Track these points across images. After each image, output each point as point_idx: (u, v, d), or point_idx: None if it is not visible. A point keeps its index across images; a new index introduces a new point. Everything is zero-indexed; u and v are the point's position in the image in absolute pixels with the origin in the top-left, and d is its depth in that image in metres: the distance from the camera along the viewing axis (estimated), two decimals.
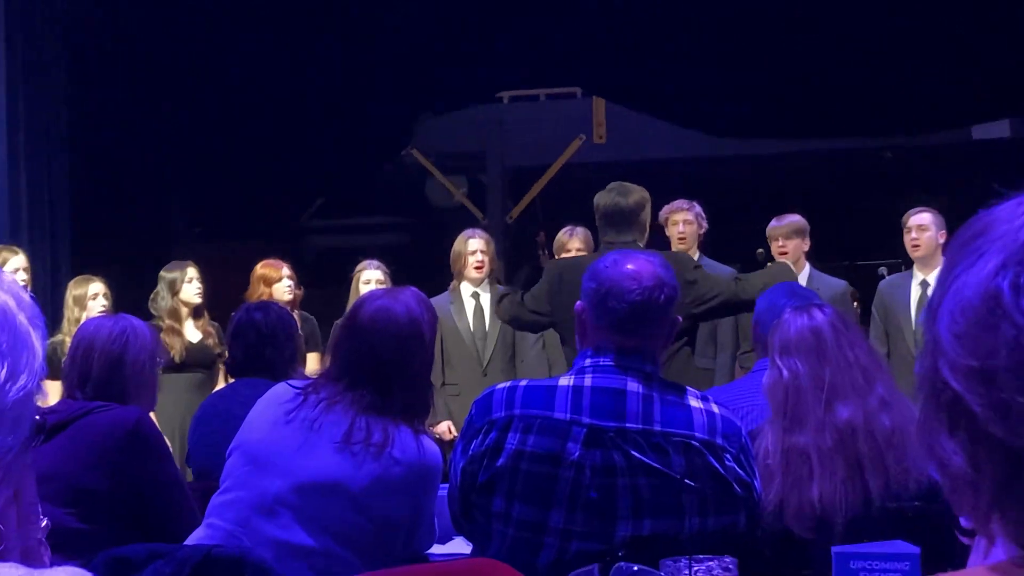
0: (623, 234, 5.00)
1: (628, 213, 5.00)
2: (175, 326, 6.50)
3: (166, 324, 6.47)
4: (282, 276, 6.60)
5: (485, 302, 6.57)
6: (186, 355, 6.47)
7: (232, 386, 4.17)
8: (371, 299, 3.01)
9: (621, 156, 11.84)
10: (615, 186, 5.13)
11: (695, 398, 2.69)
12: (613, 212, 5.02)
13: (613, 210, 5.02)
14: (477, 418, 2.73)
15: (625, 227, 5.00)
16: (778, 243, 6.61)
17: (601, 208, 5.07)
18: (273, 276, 6.59)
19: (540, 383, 2.72)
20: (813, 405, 2.93)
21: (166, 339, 6.33)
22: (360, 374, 2.91)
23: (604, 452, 2.60)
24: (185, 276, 6.58)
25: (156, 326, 6.30)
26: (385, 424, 2.86)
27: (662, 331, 2.71)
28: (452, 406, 6.48)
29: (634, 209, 5.02)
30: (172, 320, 6.51)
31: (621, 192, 5.06)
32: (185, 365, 6.45)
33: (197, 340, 6.58)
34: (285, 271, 6.63)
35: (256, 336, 4.09)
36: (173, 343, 6.42)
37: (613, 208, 5.02)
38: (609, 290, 2.66)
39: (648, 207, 5.12)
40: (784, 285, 4.08)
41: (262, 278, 6.59)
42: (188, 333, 6.58)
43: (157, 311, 6.55)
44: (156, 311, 6.55)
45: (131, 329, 3.43)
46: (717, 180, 11.88)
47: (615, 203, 5.03)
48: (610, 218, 5.03)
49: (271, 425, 2.93)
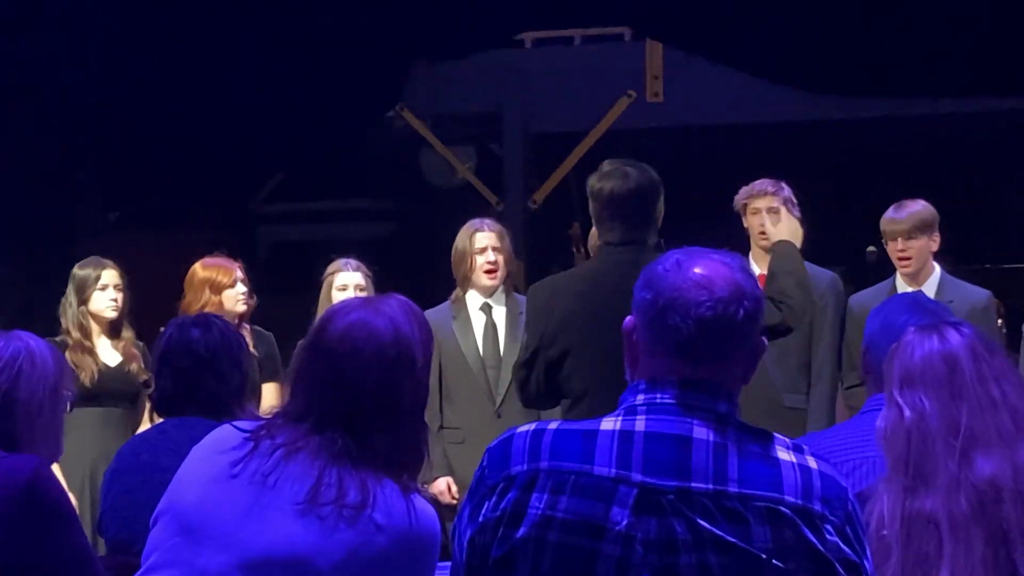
0: (616, 231, 5.05)
1: (627, 203, 5.03)
2: (85, 343, 6.53)
3: (74, 339, 6.50)
4: (235, 280, 6.61)
5: (499, 317, 6.59)
6: (100, 382, 6.49)
7: (160, 428, 4.18)
8: (344, 311, 3.01)
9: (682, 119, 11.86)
10: (612, 166, 5.16)
11: (785, 449, 2.68)
12: (605, 201, 5.06)
13: (605, 198, 5.06)
14: (491, 472, 2.73)
15: (635, 221, 5.03)
16: (897, 243, 6.61)
17: (602, 195, 5.09)
18: (223, 281, 6.60)
19: (575, 426, 2.71)
20: (944, 457, 2.94)
21: (74, 359, 6.36)
22: (330, 412, 2.91)
23: (661, 521, 2.60)
24: (98, 280, 6.60)
25: (63, 343, 6.35)
26: (364, 479, 2.86)
27: (741, 358, 2.70)
28: (454, 457, 6.50)
29: (647, 195, 5.05)
30: (81, 335, 6.54)
31: (621, 175, 5.09)
32: (98, 396, 6.47)
33: (115, 363, 6.60)
34: (239, 274, 6.63)
35: (192, 361, 4.10)
36: (83, 365, 6.45)
37: (605, 195, 5.06)
38: (670, 302, 2.65)
39: (660, 195, 5.14)
40: (903, 298, 4.08)
41: (207, 283, 6.59)
42: (103, 353, 6.60)
43: (65, 322, 6.59)
44: (64, 322, 6.59)
45: (25, 354, 3.43)
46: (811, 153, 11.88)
47: (610, 189, 5.06)
48: (615, 209, 5.06)
49: (211, 481, 2.93)
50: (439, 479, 6.42)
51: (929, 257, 6.63)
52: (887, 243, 6.68)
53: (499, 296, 6.62)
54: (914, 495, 2.93)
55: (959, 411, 2.97)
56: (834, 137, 12.01)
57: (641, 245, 5.00)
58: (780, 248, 5.43)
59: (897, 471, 2.98)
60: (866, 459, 3.46)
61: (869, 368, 3.71)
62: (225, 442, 2.98)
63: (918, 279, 6.59)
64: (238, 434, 2.98)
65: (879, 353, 3.45)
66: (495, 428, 6.07)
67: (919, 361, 3.02)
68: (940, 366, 3.01)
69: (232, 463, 2.92)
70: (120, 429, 6.39)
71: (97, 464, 6.14)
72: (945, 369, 3.00)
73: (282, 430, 2.94)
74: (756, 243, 6.71)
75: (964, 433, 2.95)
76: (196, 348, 4.12)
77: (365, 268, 6.83)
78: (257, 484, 2.88)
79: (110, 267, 6.67)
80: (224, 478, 2.91)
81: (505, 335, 6.56)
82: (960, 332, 3.07)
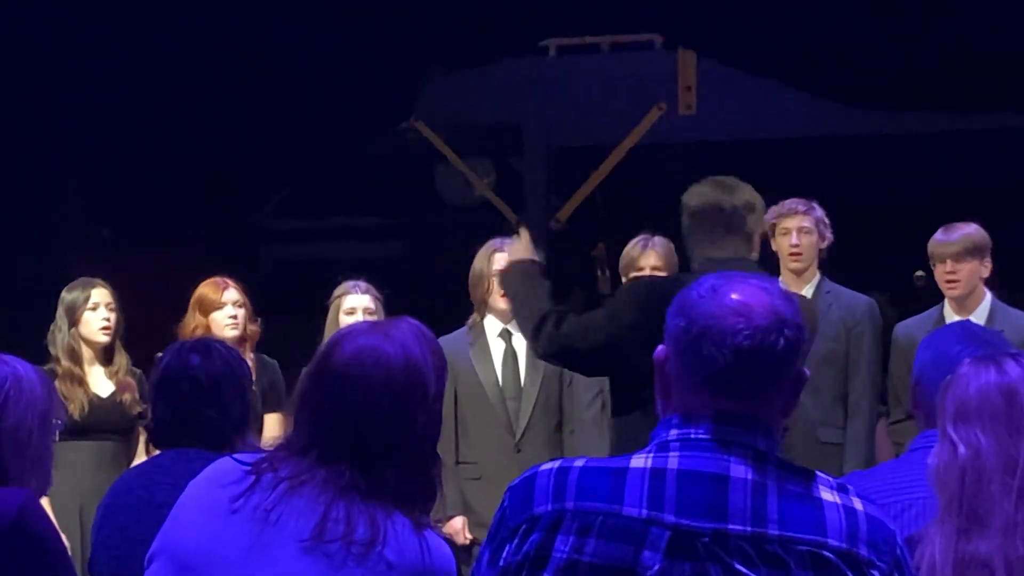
0: (723, 248, 5.00)
1: (733, 217, 5.00)
2: (75, 371, 6.54)
3: (63, 368, 6.51)
4: (223, 302, 6.59)
5: (519, 344, 6.58)
6: (91, 414, 6.50)
7: (156, 460, 4.17)
8: (352, 336, 3.01)
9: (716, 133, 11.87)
10: (714, 179, 5.13)
11: (828, 489, 2.67)
12: (710, 215, 5.02)
13: (710, 212, 5.03)
14: (513, 513, 2.72)
15: (728, 238, 5.00)
16: (945, 265, 6.62)
17: (691, 209, 5.07)
18: (211, 300, 6.59)
19: (604, 464, 2.70)
20: (1000, 497, 2.93)
21: (63, 389, 6.36)
22: (336, 443, 2.91)
23: (696, 565, 2.59)
24: (88, 301, 6.60)
25: (51, 371, 6.35)
26: (373, 513, 2.86)
27: (781, 390, 2.69)
28: (471, 494, 6.49)
29: (740, 212, 5.02)
30: (71, 363, 6.55)
31: (722, 187, 5.07)
32: (90, 428, 6.48)
33: (108, 393, 6.61)
34: (230, 294, 6.62)
35: (192, 389, 4.09)
36: (72, 395, 6.46)
37: (710, 209, 5.03)
38: (705, 330, 2.65)
39: (761, 211, 5.14)
40: (956, 327, 4.06)
41: (198, 303, 6.60)
42: (95, 382, 6.61)
43: (55, 349, 6.59)
44: (54, 349, 6.60)
45: (12, 380, 3.43)
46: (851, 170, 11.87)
47: (714, 202, 5.03)
48: (705, 224, 5.03)
49: (210, 517, 2.92)
50: (454, 517, 6.41)
51: (979, 283, 6.64)
52: (935, 266, 6.69)
53: None
54: (968, 537, 2.92)
55: (1017, 448, 2.96)
56: (880, 153, 12.02)
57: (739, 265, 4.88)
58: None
59: (950, 512, 2.97)
60: (916, 500, 3.44)
61: (919, 403, 3.70)
62: (225, 476, 2.97)
63: (967, 306, 6.59)
64: (238, 467, 2.97)
65: (930, 387, 3.43)
66: (515, 464, 6.09)
67: (975, 394, 3.02)
68: (998, 399, 3.00)
69: (232, 498, 2.92)
70: (112, 464, 6.39)
71: (87, 501, 6.10)
72: (1003, 403, 2.99)
73: (285, 462, 2.94)
74: (786, 265, 6.74)
75: (1022, 472, 2.94)
76: (196, 375, 4.11)
77: (375, 291, 6.83)
78: (259, 520, 2.88)
79: (100, 285, 6.66)
80: (224, 514, 2.91)
81: (526, 364, 6.56)
82: (1020, 364, 3.06)
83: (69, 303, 6.61)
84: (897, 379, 6.62)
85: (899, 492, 3.53)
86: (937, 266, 6.68)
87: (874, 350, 6.76)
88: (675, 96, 11.80)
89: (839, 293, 6.81)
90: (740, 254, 5.01)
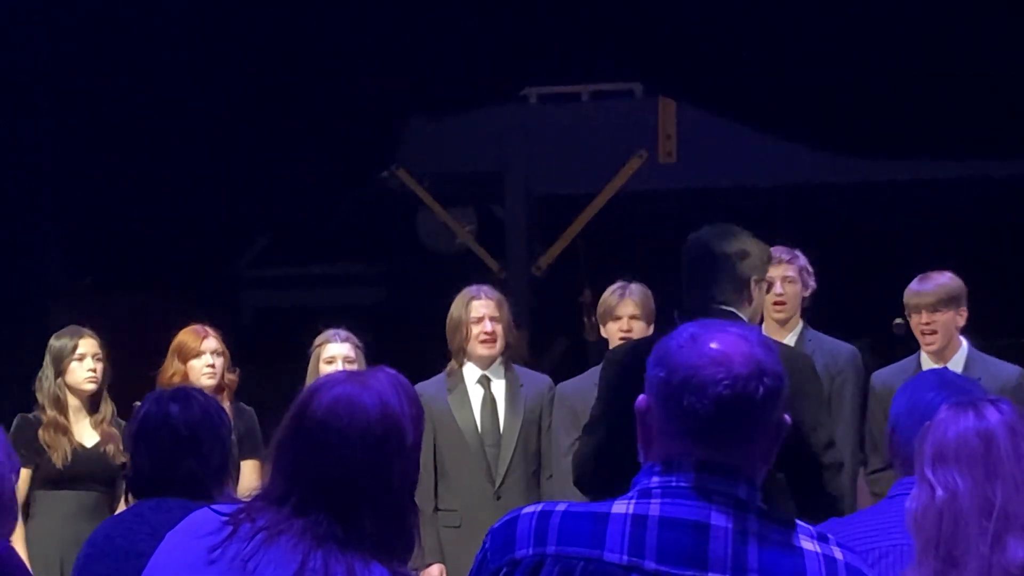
0: (714, 297, 4.93)
1: (725, 264, 4.96)
2: (60, 420, 6.51)
3: (48, 416, 6.48)
4: (202, 350, 6.58)
5: (498, 390, 6.57)
6: (75, 463, 6.47)
7: (135, 510, 4.16)
8: (328, 385, 3.00)
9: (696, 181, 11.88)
10: (717, 225, 5.10)
11: (809, 538, 2.67)
12: (701, 261, 4.99)
13: (702, 258, 5.00)
14: (493, 556, 2.72)
15: (720, 286, 4.95)
16: (921, 316, 6.61)
17: (685, 256, 5.05)
18: (190, 348, 6.58)
19: (585, 509, 2.70)
20: (976, 539, 2.94)
21: (46, 438, 6.34)
22: (313, 493, 2.90)
23: None
24: (75, 350, 6.58)
25: (36, 419, 6.34)
26: (351, 563, 2.85)
27: (762, 438, 2.69)
28: (449, 542, 6.46)
29: (732, 260, 4.98)
30: (56, 411, 6.52)
31: (718, 233, 5.04)
32: (71, 478, 6.45)
33: (93, 443, 6.58)
34: (209, 343, 6.62)
35: (171, 438, 4.08)
36: (56, 444, 6.43)
37: (702, 254, 5.00)
38: (685, 380, 2.64)
39: (758, 260, 5.05)
40: (931, 375, 4.07)
41: (177, 350, 6.59)
42: (80, 432, 6.58)
43: (41, 397, 6.57)
44: (40, 397, 6.57)
45: None
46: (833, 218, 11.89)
47: (705, 247, 5.00)
48: (697, 271, 5.00)
49: (187, 568, 2.91)
50: (432, 565, 6.38)
51: (955, 332, 6.63)
52: (910, 316, 6.68)
53: (497, 368, 6.60)
54: None
55: (994, 490, 2.97)
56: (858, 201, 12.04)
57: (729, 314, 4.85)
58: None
59: (927, 555, 2.98)
60: (894, 547, 3.45)
61: (896, 451, 3.70)
62: (202, 526, 2.97)
63: (944, 355, 6.58)
64: (216, 517, 2.96)
65: (906, 434, 3.45)
66: (494, 511, 6.04)
67: (953, 438, 3.03)
68: (975, 443, 3.01)
69: (210, 548, 2.91)
70: (95, 514, 6.34)
71: (68, 552, 6.05)
72: (981, 446, 3.00)
73: (263, 512, 2.93)
74: (769, 315, 6.71)
75: (998, 514, 2.95)
76: (175, 425, 4.10)
77: (355, 339, 6.81)
78: (237, 570, 2.87)
79: (88, 336, 6.65)
80: (201, 564, 2.90)
81: (505, 410, 6.55)
82: (999, 409, 3.07)
83: (56, 351, 6.59)
84: (875, 427, 6.60)
85: (877, 539, 3.53)
86: (912, 316, 6.67)
87: (856, 399, 6.74)
88: (656, 144, 11.84)
89: (821, 341, 6.79)
90: (728, 304, 4.94)
